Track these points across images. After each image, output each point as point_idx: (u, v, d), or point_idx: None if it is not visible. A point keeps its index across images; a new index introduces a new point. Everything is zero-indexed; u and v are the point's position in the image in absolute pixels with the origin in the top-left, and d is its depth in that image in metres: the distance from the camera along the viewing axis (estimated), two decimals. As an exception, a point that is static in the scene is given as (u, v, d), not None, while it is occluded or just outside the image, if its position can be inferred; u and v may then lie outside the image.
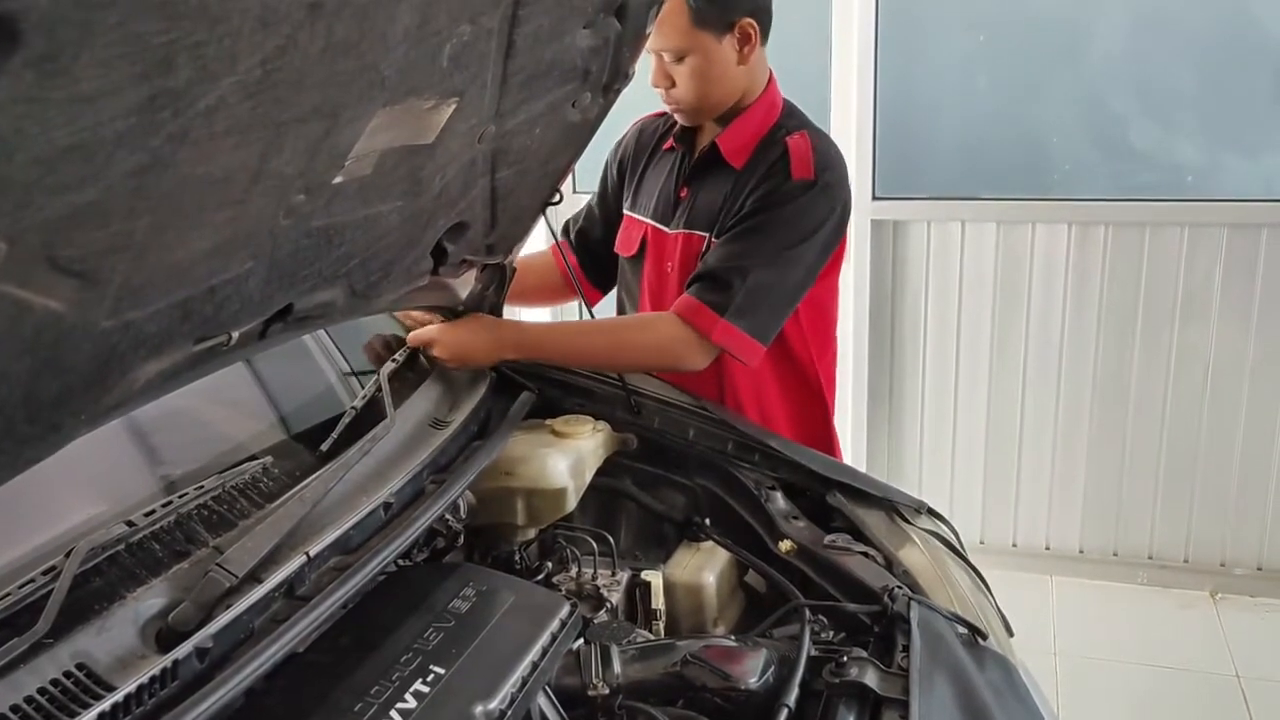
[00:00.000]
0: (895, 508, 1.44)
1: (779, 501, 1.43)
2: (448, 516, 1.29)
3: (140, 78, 0.59)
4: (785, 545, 1.34)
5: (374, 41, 0.79)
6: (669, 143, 1.78)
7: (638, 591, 1.32)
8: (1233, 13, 2.72)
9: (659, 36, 1.57)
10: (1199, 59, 2.78)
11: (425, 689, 0.91)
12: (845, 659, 1.06)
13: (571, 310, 3.53)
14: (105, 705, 0.78)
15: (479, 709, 0.90)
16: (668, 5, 1.43)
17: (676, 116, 1.72)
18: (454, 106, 1.00)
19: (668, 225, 1.74)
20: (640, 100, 1.72)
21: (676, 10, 1.54)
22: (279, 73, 0.70)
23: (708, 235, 1.67)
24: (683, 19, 1.56)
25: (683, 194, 1.72)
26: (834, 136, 1.73)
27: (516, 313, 2.16)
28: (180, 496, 1.01)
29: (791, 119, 1.69)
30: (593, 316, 1.73)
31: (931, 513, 1.48)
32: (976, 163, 3.01)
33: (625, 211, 1.83)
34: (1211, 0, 2.72)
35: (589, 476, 1.45)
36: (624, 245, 1.84)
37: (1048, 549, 3.16)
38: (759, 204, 1.60)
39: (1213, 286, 2.84)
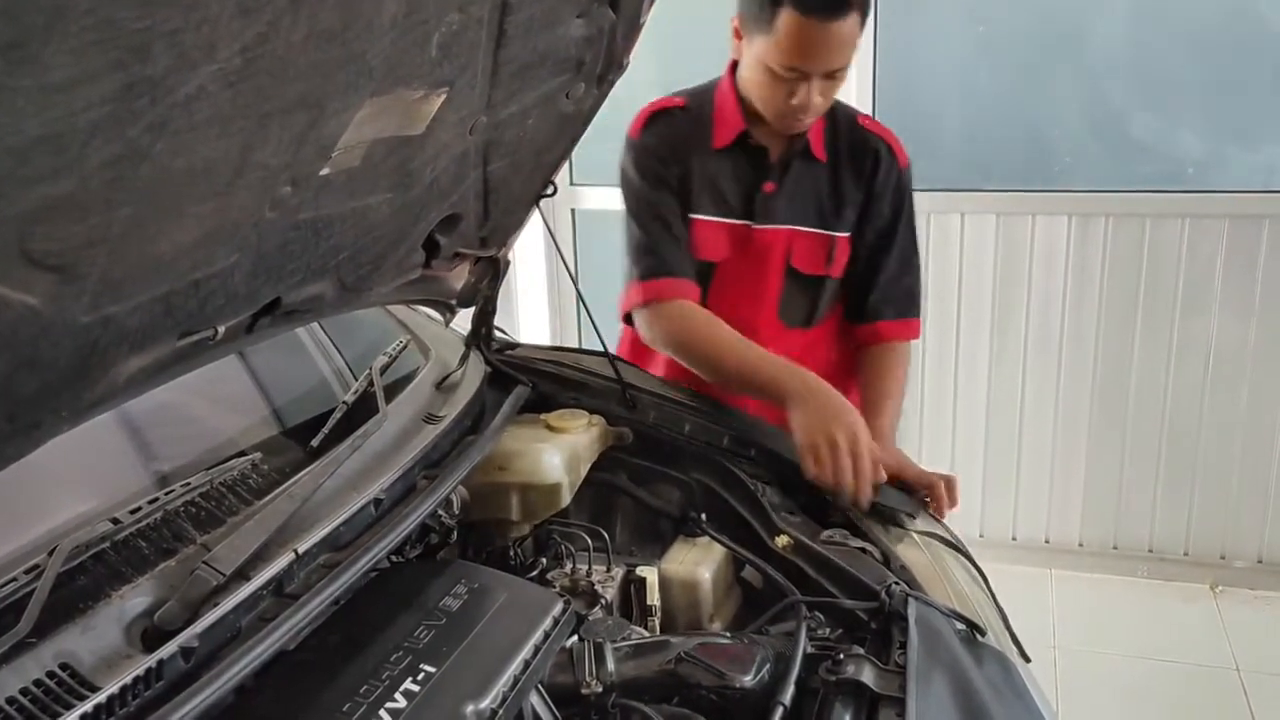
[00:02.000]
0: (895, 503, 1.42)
1: (775, 496, 1.42)
2: (441, 512, 1.27)
3: (115, 66, 0.58)
4: (782, 541, 1.33)
5: (359, 30, 0.77)
6: (722, 141, 1.68)
7: (633, 587, 1.31)
8: (1233, 4, 2.71)
9: (839, 56, 1.50)
10: (1200, 50, 2.77)
11: (416, 688, 0.89)
12: (842, 656, 1.05)
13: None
14: (88, 706, 0.76)
15: (470, 708, 0.89)
16: (848, 23, 1.45)
17: (791, 127, 1.61)
18: (444, 97, 0.98)
19: (754, 221, 1.70)
20: (637, 95, 1.70)
21: (854, 23, 1.48)
22: (260, 61, 0.69)
23: (831, 234, 1.70)
24: (858, 28, 1.50)
25: (768, 189, 1.69)
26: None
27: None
28: (167, 493, 0.99)
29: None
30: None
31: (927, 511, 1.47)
32: (976, 154, 3.00)
33: (692, 215, 1.70)
34: (1212, -9, 2.71)
35: (584, 471, 1.44)
36: (709, 249, 1.72)
37: (1047, 542, 3.15)
38: (897, 201, 1.71)
39: (1213, 279, 2.83)
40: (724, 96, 1.69)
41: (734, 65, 1.67)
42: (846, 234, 1.72)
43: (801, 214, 1.70)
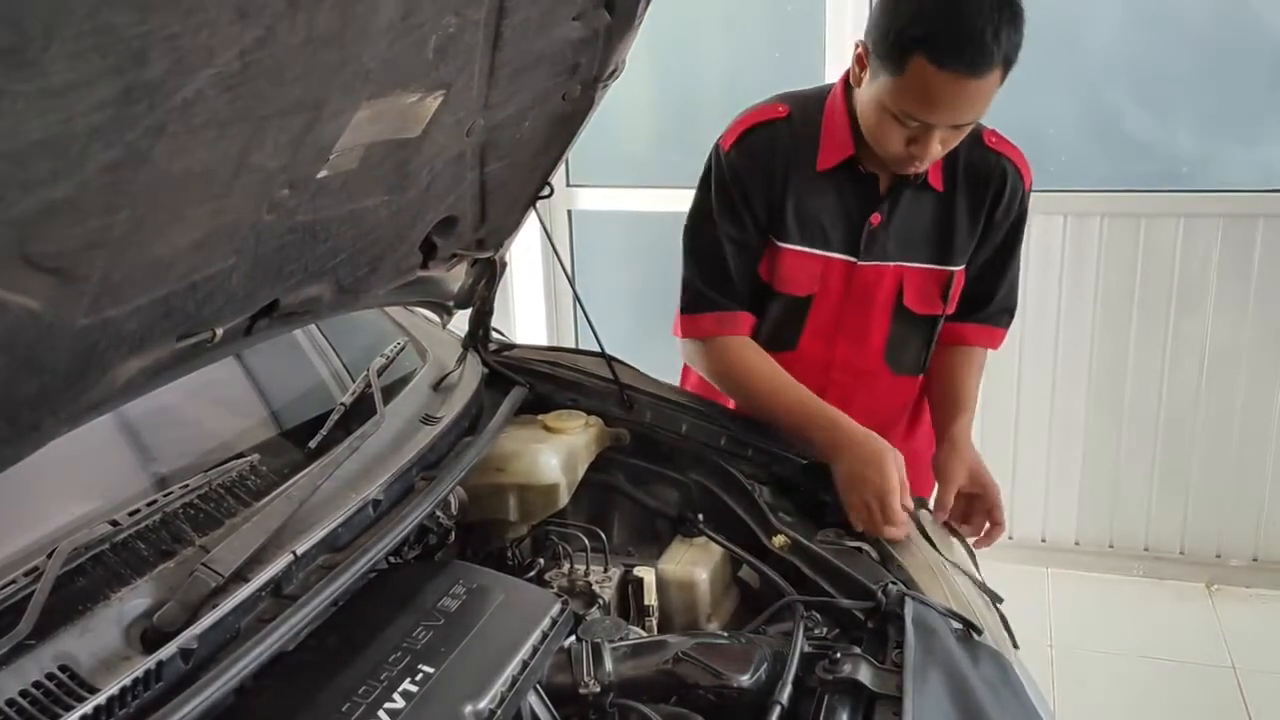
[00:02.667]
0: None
1: (772, 496, 1.42)
2: (439, 513, 1.28)
3: (113, 71, 0.58)
4: (779, 540, 1.33)
5: (356, 33, 0.78)
6: (827, 164, 1.51)
7: (630, 588, 1.31)
8: (1228, 3, 2.71)
9: (970, 112, 1.35)
10: (1195, 49, 2.77)
11: (414, 688, 0.90)
12: (839, 655, 1.06)
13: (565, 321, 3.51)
14: (88, 708, 0.77)
15: (468, 708, 0.89)
16: (989, 81, 1.30)
17: (903, 169, 1.46)
18: (441, 99, 0.99)
19: (857, 257, 1.55)
20: (640, 96, 1.69)
21: (994, 80, 1.32)
22: (258, 65, 0.69)
23: (950, 269, 1.57)
24: (998, 84, 1.34)
25: (874, 221, 1.53)
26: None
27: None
28: (166, 495, 1.00)
29: None
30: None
31: (926, 507, 1.48)
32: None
33: (781, 245, 1.55)
34: (1207, -10, 2.72)
35: (581, 472, 1.44)
36: (798, 283, 1.58)
37: (1043, 541, 3.16)
38: (1015, 228, 1.60)
39: (1208, 278, 2.84)
40: (834, 112, 1.52)
41: (847, 82, 1.51)
42: (962, 267, 1.59)
43: (912, 248, 1.55)
